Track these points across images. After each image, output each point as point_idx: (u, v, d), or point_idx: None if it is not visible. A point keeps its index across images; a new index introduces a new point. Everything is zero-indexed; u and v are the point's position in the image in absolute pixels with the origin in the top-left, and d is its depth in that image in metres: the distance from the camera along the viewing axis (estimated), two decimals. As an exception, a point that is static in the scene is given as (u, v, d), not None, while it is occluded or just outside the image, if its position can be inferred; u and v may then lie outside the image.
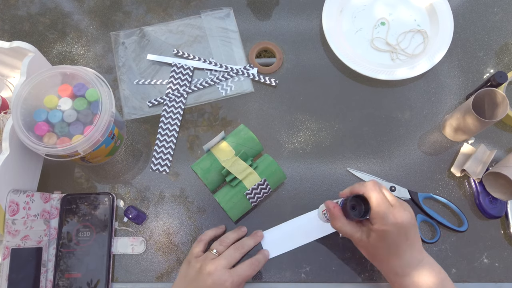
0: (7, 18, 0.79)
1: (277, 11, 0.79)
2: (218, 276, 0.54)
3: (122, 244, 0.65)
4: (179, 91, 0.73)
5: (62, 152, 0.57)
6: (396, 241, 0.52)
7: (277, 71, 0.75)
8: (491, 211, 0.65)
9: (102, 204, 0.66)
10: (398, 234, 0.51)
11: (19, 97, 0.59)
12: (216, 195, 0.64)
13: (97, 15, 0.79)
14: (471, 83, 0.74)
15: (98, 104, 0.59)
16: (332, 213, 0.55)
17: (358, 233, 0.54)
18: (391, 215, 0.51)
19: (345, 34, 0.77)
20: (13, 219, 0.58)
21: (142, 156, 0.71)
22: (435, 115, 0.73)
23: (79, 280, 0.62)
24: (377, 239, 0.52)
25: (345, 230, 0.54)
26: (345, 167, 0.70)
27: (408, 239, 0.52)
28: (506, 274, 0.65)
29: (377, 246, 0.53)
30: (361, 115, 0.73)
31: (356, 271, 0.64)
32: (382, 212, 0.51)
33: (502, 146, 0.71)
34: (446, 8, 0.76)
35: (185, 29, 0.78)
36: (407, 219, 0.52)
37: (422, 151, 0.71)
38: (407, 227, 0.52)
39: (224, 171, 0.63)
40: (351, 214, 0.53)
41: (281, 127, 0.72)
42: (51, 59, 0.76)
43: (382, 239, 0.52)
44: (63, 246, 0.63)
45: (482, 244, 0.66)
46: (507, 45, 0.77)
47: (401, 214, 0.51)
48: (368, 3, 0.79)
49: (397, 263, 0.53)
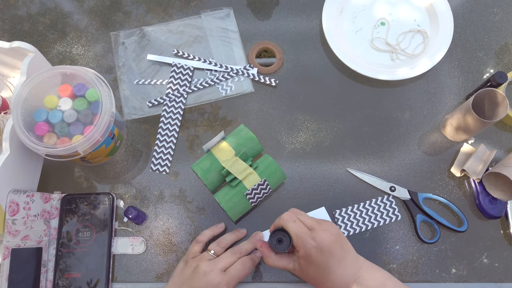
0: (7, 18, 0.79)
1: (277, 11, 0.79)
2: (212, 277, 0.55)
3: (122, 244, 0.65)
4: (179, 91, 0.73)
5: (62, 152, 0.57)
6: (324, 262, 0.52)
7: (277, 71, 0.75)
8: (491, 211, 0.65)
9: (102, 204, 0.66)
10: (322, 254, 0.52)
11: (19, 97, 0.59)
12: (216, 195, 0.64)
13: (97, 15, 0.79)
14: (471, 83, 0.74)
15: (98, 104, 0.59)
16: (262, 252, 0.57)
17: (290, 264, 0.55)
18: (310, 239, 0.52)
19: (345, 34, 0.77)
20: (13, 219, 0.58)
21: (142, 156, 0.71)
22: (435, 115, 0.73)
23: (79, 280, 0.62)
24: (306, 265, 0.53)
25: (278, 264, 0.56)
26: (345, 167, 0.70)
27: (335, 256, 0.53)
28: (506, 274, 0.65)
29: (309, 271, 0.54)
30: (361, 115, 0.73)
31: (356, 271, 0.64)
32: (301, 238, 0.52)
33: (502, 146, 0.71)
34: (446, 8, 0.76)
35: (185, 29, 0.78)
36: (327, 238, 0.52)
37: (422, 151, 0.71)
38: (329, 245, 0.52)
39: (224, 171, 0.63)
40: (278, 248, 0.55)
41: (281, 127, 0.72)
42: (51, 59, 0.76)
43: (309, 263, 0.53)
44: (63, 246, 0.63)
45: (482, 244, 0.66)
46: (507, 45, 0.77)
47: (319, 235, 0.52)
48: (368, 3, 0.79)
49: (334, 280, 0.53)
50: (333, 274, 0.53)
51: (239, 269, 0.57)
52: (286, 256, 0.56)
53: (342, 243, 0.54)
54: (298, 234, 0.53)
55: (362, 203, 0.67)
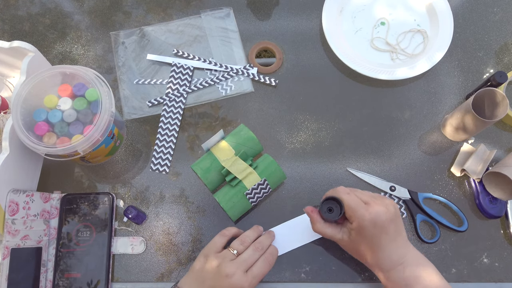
0: (7, 18, 0.79)
1: (277, 11, 0.79)
2: (236, 279, 0.54)
3: (122, 244, 0.65)
4: (179, 91, 0.73)
5: (62, 152, 0.57)
6: (376, 236, 0.53)
7: (277, 71, 0.75)
8: (491, 211, 0.65)
9: (102, 204, 0.66)
10: (375, 229, 0.53)
11: (19, 97, 0.59)
12: (216, 195, 0.64)
13: (97, 15, 0.79)
14: (471, 83, 0.74)
15: (98, 104, 0.59)
16: (311, 217, 0.58)
17: (339, 234, 0.56)
18: (365, 211, 0.53)
19: (345, 34, 0.77)
20: (13, 219, 0.58)
21: (142, 156, 0.71)
22: (435, 115, 0.73)
23: (79, 280, 0.62)
24: (356, 237, 0.54)
25: (325, 232, 0.57)
26: (345, 167, 0.70)
27: (388, 233, 0.53)
28: (506, 274, 0.65)
29: (358, 244, 0.55)
30: (361, 115, 0.73)
31: (356, 271, 0.64)
32: (355, 210, 0.53)
33: (502, 146, 0.71)
34: (446, 8, 0.76)
35: (185, 29, 0.78)
36: (383, 214, 0.53)
37: (422, 151, 0.71)
38: (384, 221, 0.53)
39: (224, 171, 0.63)
40: (328, 216, 0.56)
41: (281, 127, 0.72)
42: (51, 59, 0.76)
43: (361, 236, 0.54)
44: (63, 246, 0.63)
45: (482, 244, 0.66)
46: (507, 45, 0.77)
47: (375, 209, 0.53)
48: (368, 3, 0.79)
49: (382, 258, 0.54)
50: (382, 252, 0.54)
51: (262, 267, 0.56)
52: (334, 226, 0.57)
53: (397, 222, 0.54)
54: (352, 205, 0.53)
55: None
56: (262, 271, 0.56)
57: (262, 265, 0.57)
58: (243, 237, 0.60)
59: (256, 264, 0.56)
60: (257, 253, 0.58)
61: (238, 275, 0.54)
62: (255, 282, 0.55)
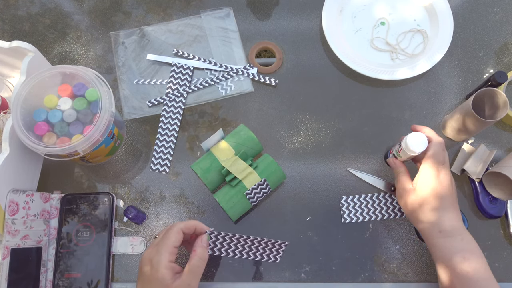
0: (7, 18, 0.79)
1: (277, 11, 0.79)
2: (145, 253, 0.55)
3: (122, 244, 0.65)
4: (179, 91, 0.73)
5: (62, 152, 0.57)
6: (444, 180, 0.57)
7: (277, 71, 0.75)
8: (491, 211, 0.65)
9: (102, 204, 0.66)
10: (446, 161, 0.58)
11: (19, 97, 0.59)
12: (216, 195, 0.64)
13: (97, 15, 0.79)
14: (471, 83, 0.74)
15: (97, 104, 0.59)
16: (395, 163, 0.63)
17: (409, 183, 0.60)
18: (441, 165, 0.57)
19: (345, 34, 0.77)
20: (13, 218, 0.58)
21: (142, 156, 0.71)
22: (435, 115, 0.73)
23: (79, 280, 0.62)
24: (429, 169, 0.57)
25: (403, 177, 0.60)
26: (345, 167, 0.70)
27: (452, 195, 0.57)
28: (506, 274, 0.65)
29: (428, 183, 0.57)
30: (361, 115, 0.73)
31: (356, 271, 0.64)
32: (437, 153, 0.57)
33: (502, 146, 0.71)
34: (446, 8, 0.76)
35: (185, 29, 0.78)
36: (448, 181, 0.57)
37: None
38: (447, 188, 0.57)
39: (224, 171, 0.63)
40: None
41: (281, 127, 0.72)
42: (51, 59, 0.76)
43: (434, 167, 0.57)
44: (63, 246, 0.63)
45: (482, 244, 0.65)
46: (507, 45, 0.77)
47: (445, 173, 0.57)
48: (368, 3, 0.79)
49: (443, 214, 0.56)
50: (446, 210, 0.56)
51: (165, 235, 0.55)
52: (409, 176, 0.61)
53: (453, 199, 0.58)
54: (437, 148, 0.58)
55: (370, 194, 0.67)
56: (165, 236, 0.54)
57: (164, 232, 0.56)
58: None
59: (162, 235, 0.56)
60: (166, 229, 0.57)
61: (146, 251, 0.55)
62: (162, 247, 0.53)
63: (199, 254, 0.55)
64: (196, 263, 0.54)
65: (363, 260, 0.64)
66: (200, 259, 0.54)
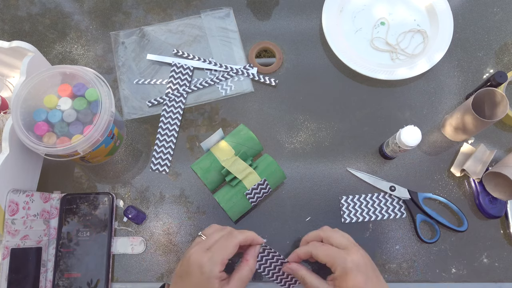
0: (7, 18, 0.79)
1: (277, 11, 0.79)
2: (194, 256, 0.52)
3: (121, 244, 0.65)
4: (179, 91, 0.73)
5: (62, 152, 0.57)
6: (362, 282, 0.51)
7: (277, 71, 0.75)
8: (491, 211, 0.65)
9: (102, 204, 0.65)
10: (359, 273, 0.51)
11: (19, 97, 0.59)
12: (215, 195, 0.64)
13: (97, 15, 0.79)
14: (471, 83, 0.74)
15: (97, 104, 0.59)
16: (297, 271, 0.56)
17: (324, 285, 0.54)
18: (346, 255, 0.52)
19: (345, 34, 0.77)
20: (13, 219, 0.58)
21: (142, 156, 0.71)
22: (435, 115, 0.73)
23: (79, 280, 0.62)
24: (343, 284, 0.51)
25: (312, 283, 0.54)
26: (345, 167, 0.70)
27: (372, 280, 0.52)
28: (506, 274, 0.65)
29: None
30: (361, 115, 0.73)
31: (356, 271, 0.64)
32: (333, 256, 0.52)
33: (502, 146, 0.71)
34: (446, 8, 0.76)
35: (185, 29, 0.78)
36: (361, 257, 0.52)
37: (422, 151, 0.71)
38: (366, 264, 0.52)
39: (224, 170, 0.63)
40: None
41: (281, 127, 0.72)
42: (51, 59, 0.76)
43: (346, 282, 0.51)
44: (62, 246, 0.63)
45: (482, 244, 0.66)
46: (507, 45, 0.77)
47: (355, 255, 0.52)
48: (368, 3, 0.79)
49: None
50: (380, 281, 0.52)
51: (222, 243, 0.53)
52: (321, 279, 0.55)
53: (376, 270, 0.54)
54: (330, 253, 0.53)
55: (370, 194, 0.67)
56: (222, 245, 0.53)
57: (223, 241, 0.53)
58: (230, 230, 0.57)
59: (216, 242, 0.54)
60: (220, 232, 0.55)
61: (196, 252, 0.52)
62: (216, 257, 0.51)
63: (251, 265, 0.54)
64: (246, 273, 0.53)
65: (363, 260, 0.64)
66: (251, 271, 0.54)
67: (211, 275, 0.50)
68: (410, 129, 0.59)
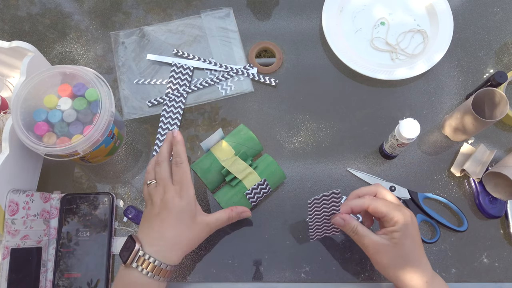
0: (7, 18, 0.79)
1: (277, 11, 0.79)
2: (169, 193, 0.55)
3: (121, 244, 0.65)
4: (179, 91, 0.73)
5: (62, 152, 0.57)
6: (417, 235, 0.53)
7: (277, 71, 0.75)
8: (491, 211, 0.65)
9: (102, 204, 0.66)
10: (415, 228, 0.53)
11: (19, 97, 0.59)
12: (215, 195, 0.64)
13: (97, 15, 0.79)
14: (471, 83, 0.74)
15: (97, 104, 0.59)
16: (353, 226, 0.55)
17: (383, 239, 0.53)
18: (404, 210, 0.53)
19: (345, 34, 0.77)
20: (13, 218, 0.58)
21: (142, 156, 0.71)
22: (435, 115, 0.73)
23: (79, 280, 0.62)
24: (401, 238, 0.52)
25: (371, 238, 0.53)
26: (345, 167, 0.70)
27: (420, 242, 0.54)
28: (506, 274, 0.65)
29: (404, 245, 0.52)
30: (361, 115, 0.73)
31: (356, 271, 0.64)
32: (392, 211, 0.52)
33: (502, 146, 0.71)
34: (446, 8, 0.76)
35: (185, 29, 0.78)
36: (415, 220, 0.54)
37: (422, 151, 0.71)
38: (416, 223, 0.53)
39: (224, 170, 0.63)
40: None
41: (281, 127, 0.72)
42: (51, 59, 0.76)
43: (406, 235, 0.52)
44: (62, 246, 0.63)
45: (482, 244, 0.66)
46: (507, 45, 0.77)
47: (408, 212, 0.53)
48: (368, 3, 0.79)
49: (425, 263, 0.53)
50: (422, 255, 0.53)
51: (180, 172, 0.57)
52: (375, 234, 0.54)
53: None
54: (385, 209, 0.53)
55: None
56: (181, 173, 0.56)
57: (177, 170, 0.57)
58: (156, 159, 0.60)
59: (176, 171, 0.57)
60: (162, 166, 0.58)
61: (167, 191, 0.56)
62: (186, 185, 0.56)
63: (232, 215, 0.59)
64: (224, 217, 0.58)
65: (363, 260, 0.64)
66: (227, 219, 0.59)
67: (189, 199, 0.55)
68: (409, 122, 0.60)
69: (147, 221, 0.56)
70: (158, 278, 0.53)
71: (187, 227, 0.55)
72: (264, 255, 0.65)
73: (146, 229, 0.56)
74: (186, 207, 0.55)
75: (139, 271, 0.52)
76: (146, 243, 0.54)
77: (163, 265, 0.53)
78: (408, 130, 0.59)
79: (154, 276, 0.52)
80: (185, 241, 0.55)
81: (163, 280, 0.54)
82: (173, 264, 0.54)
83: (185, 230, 0.55)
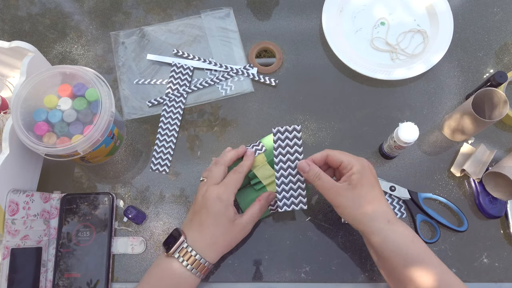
0: (7, 18, 0.79)
1: (277, 11, 0.79)
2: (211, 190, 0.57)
3: (121, 244, 0.65)
4: (179, 91, 0.73)
5: (62, 152, 0.57)
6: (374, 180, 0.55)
7: (277, 71, 0.75)
8: (491, 211, 0.65)
9: (102, 204, 0.66)
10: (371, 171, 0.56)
11: (19, 97, 0.59)
12: (237, 194, 0.63)
13: (97, 15, 0.79)
14: (471, 83, 0.74)
15: (97, 104, 0.59)
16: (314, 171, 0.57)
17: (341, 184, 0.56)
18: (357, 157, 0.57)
19: (345, 34, 0.77)
20: (13, 219, 0.58)
21: (142, 156, 0.71)
22: (435, 115, 0.73)
23: (78, 280, 0.62)
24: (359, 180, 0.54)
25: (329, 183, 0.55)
26: (345, 167, 0.70)
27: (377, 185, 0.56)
28: (506, 274, 0.65)
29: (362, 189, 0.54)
30: (361, 115, 0.73)
31: (356, 271, 0.64)
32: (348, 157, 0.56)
33: (502, 146, 0.71)
34: (446, 8, 0.76)
35: (185, 29, 0.78)
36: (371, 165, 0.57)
37: (422, 151, 0.71)
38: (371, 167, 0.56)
39: (250, 174, 0.63)
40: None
41: (281, 127, 0.72)
42: (51, 59, 0.76)
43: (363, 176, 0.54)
44: (62, 246, 0.63)
45: (482, 244, 0.66)
46: (507, 45, 0.77)
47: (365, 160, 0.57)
48: (368, 3, 0.79)
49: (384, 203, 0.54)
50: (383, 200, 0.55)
51: (231, 175, 0.59)
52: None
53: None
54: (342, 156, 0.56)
55: None
56: (233, 178, 0.58)
57: (232, 174, 0.59)
58: (217, 159, 0.62)
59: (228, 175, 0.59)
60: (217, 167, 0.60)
61: (210, 188, 0.57)
62: (231, 187, 0.57)
63: (262, 204, 0.60)
64: (256, 210, 0.59)
65: (363, 260, 0.64)
66: (260, 209, 0.59)
67: (228, 202, 0.56)
68: (408, 126, 0.60)
69: (190, 216, 0.59)
70: (196, 273, 0.54)
71: (225, 229, 0.57)
72: (264, 255, 0.65)
73: (188, 224, 0.58)
74: (224, 211, 0.56)
75: (180, 262, 0.54)
76: (189, 237, 0.56)
77: (203, 260, 0.55)
78: (407, 133, 0.60)
79: (192, 270, 0.54)
80: (222, 242, 0.57)
81: (199, 276, 0.55)
82: (211, 262, 0.56)
83: (224, 232, 0.57)
